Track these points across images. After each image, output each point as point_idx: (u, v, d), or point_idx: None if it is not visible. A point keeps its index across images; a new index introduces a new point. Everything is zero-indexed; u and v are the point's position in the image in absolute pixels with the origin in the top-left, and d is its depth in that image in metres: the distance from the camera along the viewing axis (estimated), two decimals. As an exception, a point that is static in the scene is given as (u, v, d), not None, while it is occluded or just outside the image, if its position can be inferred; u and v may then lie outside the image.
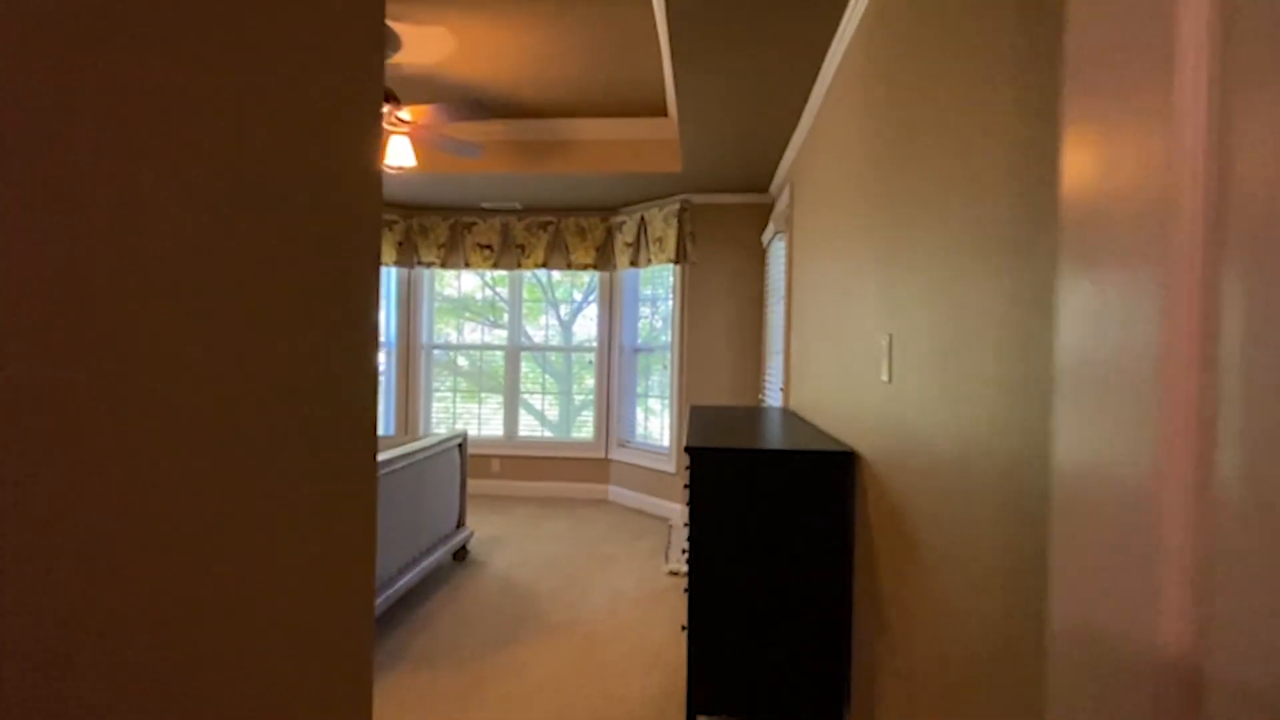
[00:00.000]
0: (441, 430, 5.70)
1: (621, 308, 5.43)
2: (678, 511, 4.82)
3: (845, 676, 2.08)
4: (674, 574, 3.67)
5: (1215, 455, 0.47)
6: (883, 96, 1.88)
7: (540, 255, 5.40)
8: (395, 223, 5.47)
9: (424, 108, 3.01)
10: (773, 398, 4.17)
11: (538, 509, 5.09)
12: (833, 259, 2.56)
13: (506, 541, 4.24)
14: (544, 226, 5.40)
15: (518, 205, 5.28)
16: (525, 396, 5.66)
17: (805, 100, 3.13)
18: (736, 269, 4.80)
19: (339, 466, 0.55)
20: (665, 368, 5.13)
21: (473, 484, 5.58)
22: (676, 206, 4.74)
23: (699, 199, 4.80)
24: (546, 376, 5.68)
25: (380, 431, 5.57)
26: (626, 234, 5.17)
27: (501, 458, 5.59)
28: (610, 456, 5.46)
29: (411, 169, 4.28)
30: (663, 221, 4.86)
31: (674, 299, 4.94)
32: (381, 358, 5.62)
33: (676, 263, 4.75)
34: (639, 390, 5.37)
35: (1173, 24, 0.50)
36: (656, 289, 5.25)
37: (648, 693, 2.42)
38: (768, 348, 4.52)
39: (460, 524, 3.91)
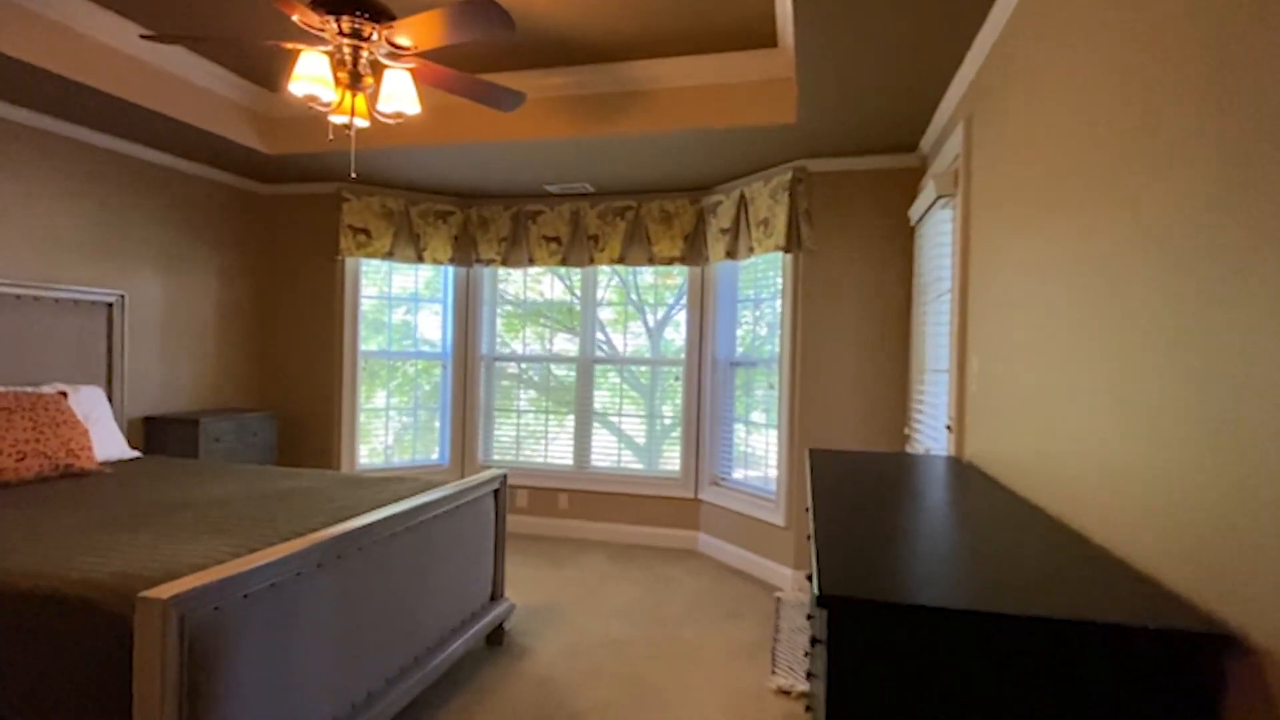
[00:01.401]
0: (503, 456, 4.85)
1: (715, 311, 4.35)
2: (788, 579, 3.66)
3: None
4: (784, 693, 2.54)
5: None
6: None
7: (616, 248, 4.43)
8: (450, 214, 4.69)
9: (426, 17, 2.10)
10: (930, 439, 2.94)
11: (609, 561, 4.10)
12: (1089, 217, 1.38)
13: (561, 614, 3.26)
14: (620, 213, 4.43)
15: (588, 187, 4.34)
16: (612, 419, 4.69)
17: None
18: (870, 256, 3.60)
19: None
20: (772, 388, 3.99)
21: (537, 523, 4.68)
22: (788, 176, 3.62)
23: (818, 165, 3.65)
24: (627, 392, 4.69)
25: (434, 458, 4.79)
26: (722, 217, 4.10)
27: (570, 492, 4.65)
28: (700, 497, 4.38)
29: (416, 118, 3.44)
30: (769, 198, 3.74)
31: (784, 299, 3.80)
32: (437, 371, 4.85)
33: (787, 251, 3.61)
34: (737, 414, 4.26)
35: None
36: (760, 287, 4.13)
37: None
38: (919, 365, 3.29)
39: (496, 595, 2.97)
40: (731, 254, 4.00)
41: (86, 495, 2.48)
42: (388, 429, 4.72)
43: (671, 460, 4.54)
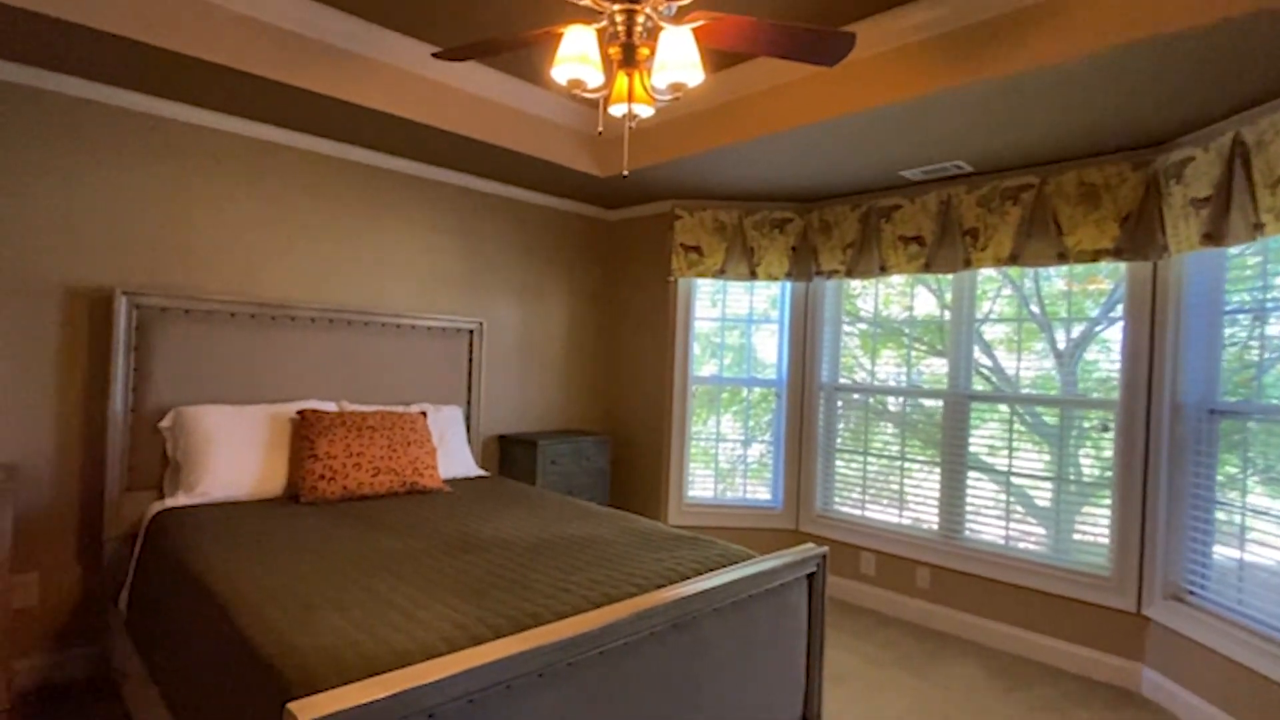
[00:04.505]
0: (845, 508, 4.02)
1: (1177, 327, 2.82)
2: (1345, 807, 2.04)
3: None
4: None
5: None
6: None
7: (1005, 244, 3.24)
8: (788, 221, 4.09)
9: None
10: None
11: (987, 681, 2.94)
12: None
13: (905, 756, 2.33)
14: (1013, 195, 3.23)
15: (964, 166, 3.27)
16: (1000, 471, 3.50)
17: None
18: None
19: None
20: (1300, 457, 2.35)
21: (887, 599, 3.72)
22: (1346, 91, 2.05)
23: None
24: (1026, 435, 3.40)
25: (767, 499, 4.23)
26: (1193, 183, 2.62)
27: (933, 568, 3.57)
28: (1148, 613, 2.87)
29: (698, 89, 2.84)
30: (1299, 136, 2.20)
31: (1332, 306, 2.19)
32: (772, 400, 4.28)
33: (1345, 221, 2.04)
34: (1220, 493, 2.66)
35: None
36: (1268, 290, 2.51)
37: None
38: None
39: (809, 714, 2.22)
40: (1214, 237, 2.51)
41: (407, 518, 2.55)
42: (719, 461, 4.33)
43: (1094, 536, 3.11)
